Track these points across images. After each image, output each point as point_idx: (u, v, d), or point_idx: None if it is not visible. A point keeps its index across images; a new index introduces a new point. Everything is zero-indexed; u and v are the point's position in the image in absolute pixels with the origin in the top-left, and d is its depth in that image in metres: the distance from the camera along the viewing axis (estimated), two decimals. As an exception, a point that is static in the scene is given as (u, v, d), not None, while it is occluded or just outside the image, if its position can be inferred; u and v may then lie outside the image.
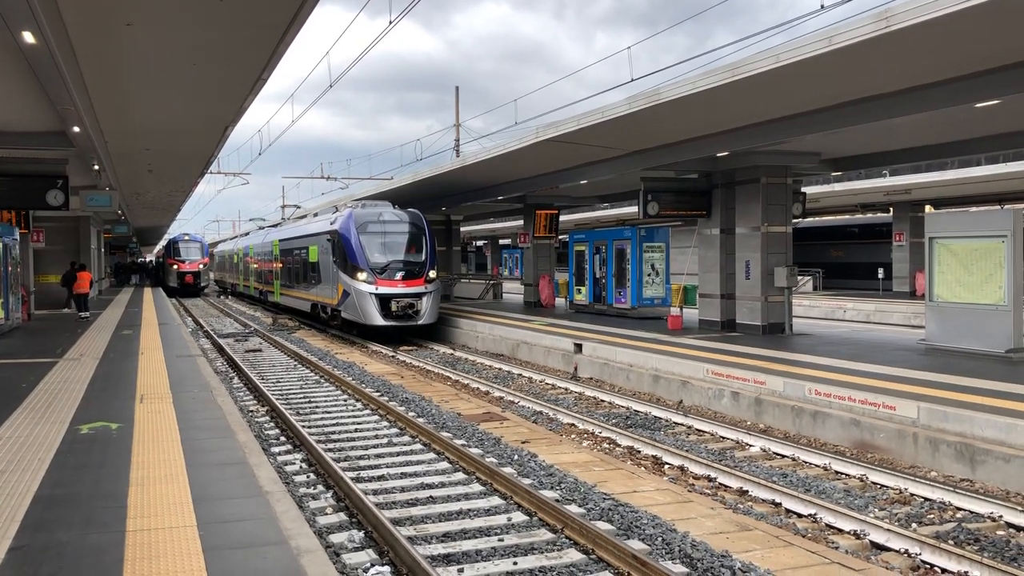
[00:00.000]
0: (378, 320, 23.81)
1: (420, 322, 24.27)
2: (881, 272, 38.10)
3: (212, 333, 26.92)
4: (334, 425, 12.40)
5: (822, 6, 10.98)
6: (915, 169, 30.71)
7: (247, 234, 56.85)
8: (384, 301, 23.84)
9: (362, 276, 24.09)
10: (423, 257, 25.07)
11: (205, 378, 12.76)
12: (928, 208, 35.35)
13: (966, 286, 14.77)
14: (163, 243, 69.99)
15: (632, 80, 15.69)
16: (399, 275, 24.24)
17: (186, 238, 55.82)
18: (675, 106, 14.23)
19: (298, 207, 48.77)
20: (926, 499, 9.02)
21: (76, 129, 14.37)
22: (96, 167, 19.46)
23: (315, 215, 33.69)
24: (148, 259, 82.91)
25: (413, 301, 23.98)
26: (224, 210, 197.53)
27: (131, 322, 23.66)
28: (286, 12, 8.90)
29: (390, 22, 13.36)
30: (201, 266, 55.07)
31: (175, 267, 53.90)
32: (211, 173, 32.31)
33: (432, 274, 24.81)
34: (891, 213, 37.99)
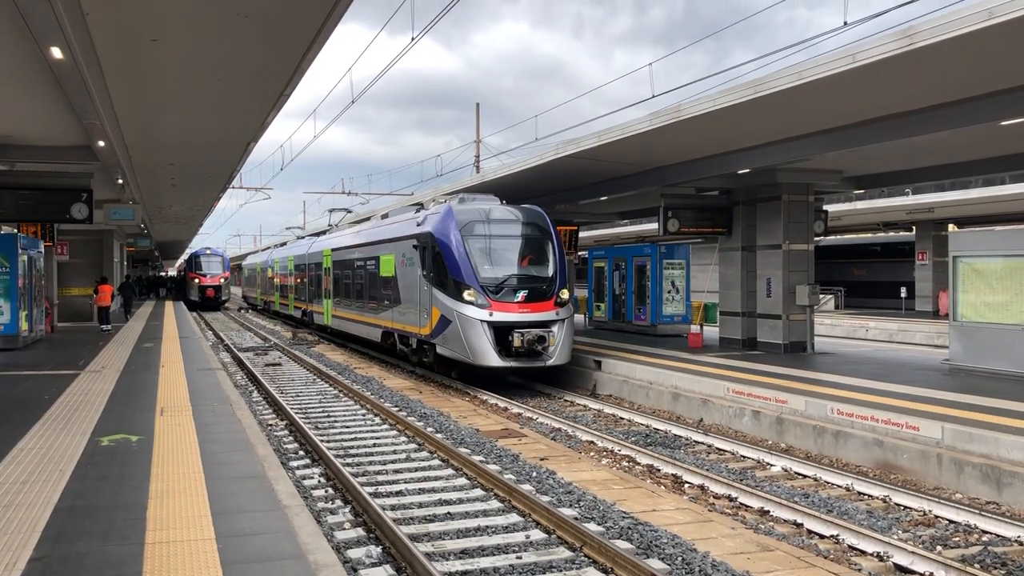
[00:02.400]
0: (492, 359, 17.07)
1: (550, 362, 17.29)
2: (904, 291, 37.78)
3: (232, 347, 27.02)
4: (352, 440, 12.39)
5: (845, 23, 10.94)
6: (938, 187, 30.48)
7: (283, 244, 50.10)
8: (502, 332, 17.11)
9: (470, 296, 17.41)
10: (551, 270, 18.19)
11: (225, 391, 12.80)
12: (951, 227, 35.05)
13: (991, 306, 14.60)
14: (185, 257, 70.43)
15: (653, 96, 15.81)
16: (520, 295, 17.51)
17: (208, 252, 56.18)
18: (697, 123, 14.20)
19: (349, 211, 39.60)
20: (951, 521, 8.88)
21: (101, 143, 14.52)
22: (120, 181, 19.66)
23: (383, 216, 25.93)
24: (168, 273, 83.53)
25: (544, 333, 17.03)
26: (245, 225, 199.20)
27: (152, 335, 23.82)
28: (309, 29, 8.97)
29: (412, 39, 13.44)
30: (222, 280, 55.37)
31: (196, 281, 54.21)
32: (233, 188, 32.58)
33: (564, 294, 17.96)
34: (914, 232, 37.72)
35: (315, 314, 33.24)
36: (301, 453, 11.59)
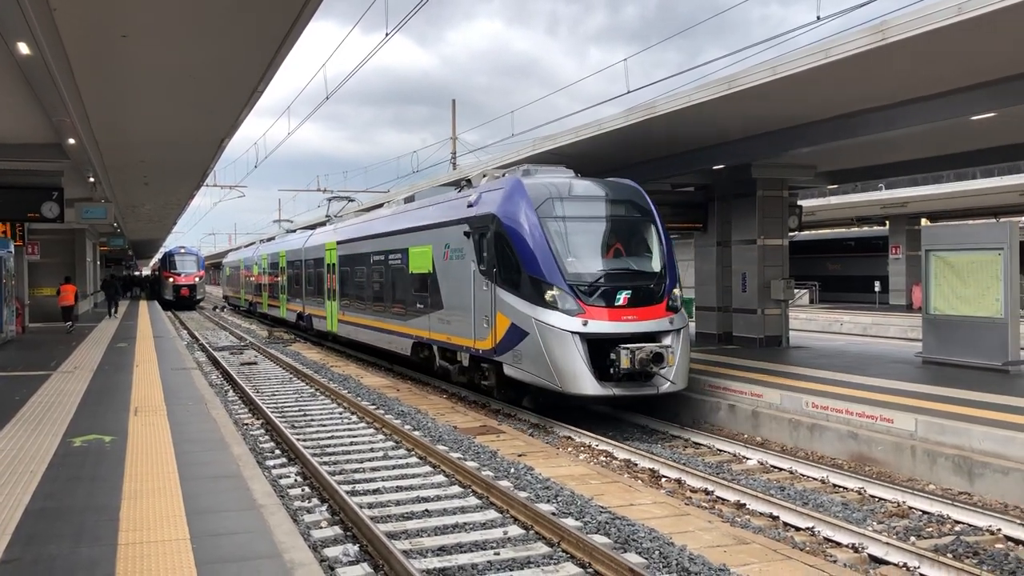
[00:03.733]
0: (588, 385, 12.72)
1: (665, 387, 13.05)
2: (878, 285, 38.16)
3: (207, 346, 26.81)
4: (329, 438, 12.33)
5: (818, 18, 11.00)
6: (911, 182, 30.81)
7: (270, 239, 45.14)
8: (600, 348, 12.85)
9: (554, 299, 13.03)
10: (658, 263, 13.94)
11: (199, 391, 12.69)
12: (924, 221, 35.46)
13: (963, 299, 14.76)
14: (159, 256, 69.78)
15: (628, 92, 15.76)
16: (623, 297, 13.17)
17: (182, 251, 55.76)
18: (671, 119, 14.26)
19: (351, 200, 34.67)
20: (924, 512, 8.98)
21: (71, 141, 14.35)
22: (91, 179, 19.43)
23: (407, 200, 21.03)
24: (143, 272, 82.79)
25: (661, 350, 12.75)
26: (220, 223, 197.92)
27: (126, 335, 23.58)
28: (282, 25, 8.89)
29: (386, 34, 13.38)
30: (197, 279, 54.96)
31: (171, 280, 53.79)
32: (207, 186, 32.31)
33: (677, 294, 13.80)
34: (887, 226, 38.10)
35: (315, 318, 28.41)
36: (277, 452, 11.52)
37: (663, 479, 10.45)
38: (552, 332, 12.88)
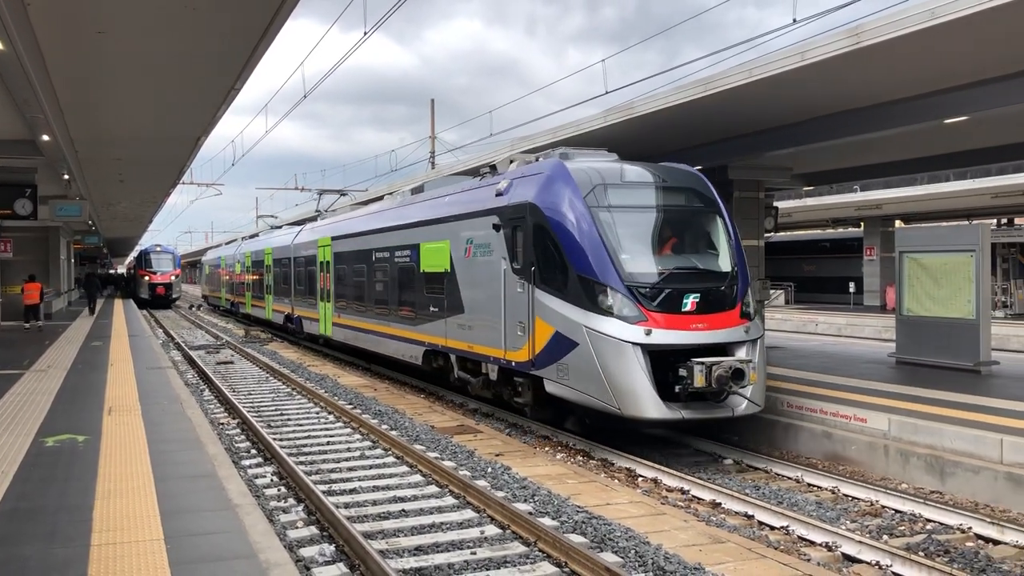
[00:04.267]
0: (652, 407, 10.75)
1: (741, 409, 11.16)
2: (852, 286, 38.51)
3: (183, 345, 26.62)
4: (306, 438, 12.28)
5: (794, 20, 11.10)
6: (886, 184, 31.13)
7: (254, 236, 43.27)
8: (665, 362, 11.00)
9: (608, 302, 11.10)
10: (728, 261, 12.04)
11: (175, 390, 12.60)
12: (898, 223, 35.82)
13: (936, 300, 14.93)
14: (134, 254, 69.19)
15: (606, 93, 15.78)
16: (690, 302, 11.25)
17: (158, 249, 55.32)
18: (648, 120, 14.32)
19: (344, 193, 32.51)
20: (897, 511, 9.08)
21: (45, 138, 14.21)
22: (66, 176, 19.25)
23: (415, 191, 18.78)
24: (118, 270, 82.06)
25: (741, 366, 10.82)
26: (197, 221, 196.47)
27: (101, 334, 23.36)
28: (259, 22, 8.86)
29: (364, 33, 13.35)
30: (173, 277, 54.56)
31: (146, 278, 53.35)
32: (183, 184, 32.05)
33: (750, 299, 11.92)
34: (862, 228, 38.47)
35: (306, 321, 26.27)
36: (253, 452, 11.46)
37: (640, 479, 10.49)
38: (608, 343, 10.88)
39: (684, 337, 11.04)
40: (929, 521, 8.73)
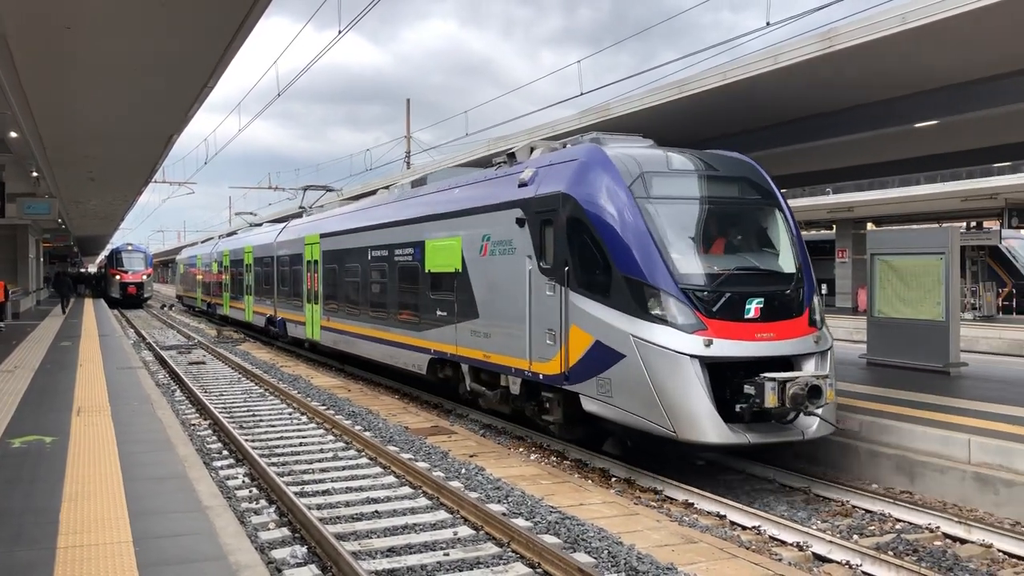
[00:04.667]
0: (712, 430, 9.38)
1: (812, 431, 9.84)
2: (824, 288, 38.85)
3: (154, 345, 26.36)
4: (278, 439, 12.20)
5: (768, 23, 11.18)
6: (858, 187, 31.45)
7: (232, 233, 41.52)
8: (726, 377, 9.72)
9: (661, 308, 9.76)
10: (792, 261, 10.72)
11: (145, 391, 12.48)
12: (870, 225, 36.20)
13: (906, 302, 15.09)
14: (105, 253, 68.41)
15: (581, 94, 15.81)
16: (754, 307, 9.95)
17: (129, 248, 54.81)
18: (624, 121, 14.36)
19: (330, 189, 30.64)
20: (867, 511, 9.16)
21: (13, 134, 14.01)
22: (35, 174, 19.00)
23: (415, 184, 17.33)
24: (89, 269, 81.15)
25: (819, 382, 9.50)
26: (169, 220, 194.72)
27: (70, 333, 23.07)
28: (232, 20, 8.79)
29: (339, 32, 13.29)
30: (145, 277, 54.05)
31: (118, 278, 52.81)
32: (155, 182, 31.77)
33: (817, 304, 10.59)
34: (834, 230, 38.82)
35: (290, 324, 24.61)
36: (225, 453, 11.36)
37: (613, 479, 10.51)
38: (661, 355, 9.47)
39: (748, 349, 9.65)
40: (899, 520, 8.81)
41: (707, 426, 9.30)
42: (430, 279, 14.78)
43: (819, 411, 9.58)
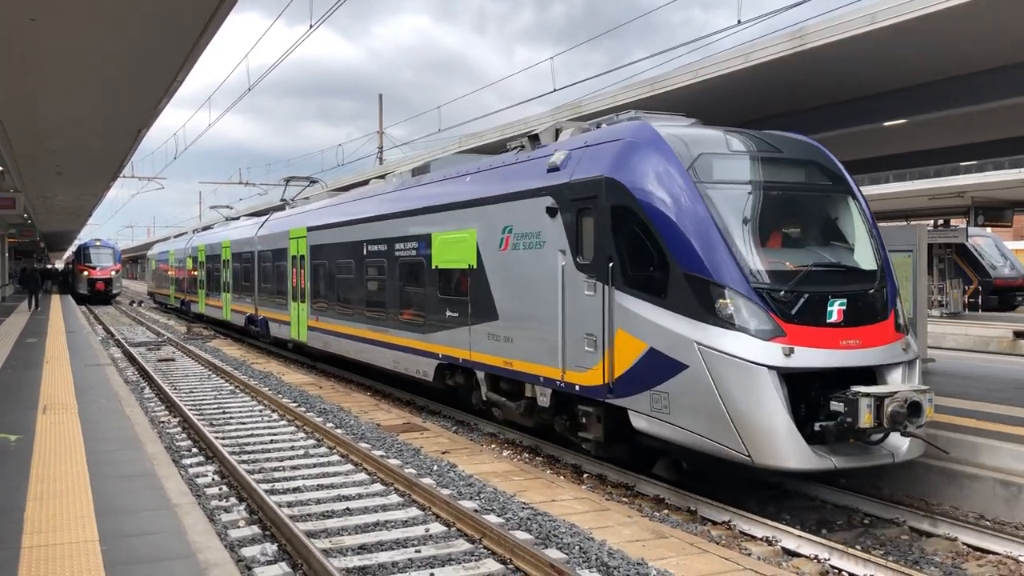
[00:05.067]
0: (793, 454, 8.14)
1: (903, 453, 8.62)
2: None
3: (123, 342, 26.06)
4: (249, 436, 12.11)
5: (739, 22, 11.24)
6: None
7: (207, 228, 39.51)
8: (807, 391, 8.58)
9: (731, 310, 8.50)
10: (872, 258, 9.57)
11: (114, 388, 12.34)
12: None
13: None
14: (73, 248, 67.54)
15: (554, 90, 15.83)
16: (836, 310, 8.70)
17: (97, 244, 54.18)
18: (596, 118, 14.37)
19: (314, 181, 28.68)
20: (836, 506, 9.25)
21: (-22, 128, 13.77)
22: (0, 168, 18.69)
23: (416, 172, 15.77)
24: (56, 265, 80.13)
25: (919, 399, 8.38)
26: (138, 216, 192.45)
27: (37, 330, 22.76)
28: (202, 14, 8.69)
29: (310, 26, 13.20)
30: (113, 273, 53.47)
31: (86, 273, 52.20)
32: (124, 177, 31.34)
33: (900, 306, 9.55)
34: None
35: (273, 323, 23.28)
36: (194, 451, 11.26)
37: (585, 475, 10.54)
38: (734, 366, 8.21)
39: (833, 358, 8.44)
40: (867, 515, 8.92)
41: (788, 449, 8.06)
42: (438, 276, 13.48)
43: (916, 430, 8.40)
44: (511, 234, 11.47)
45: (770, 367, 8.11)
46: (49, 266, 73.59)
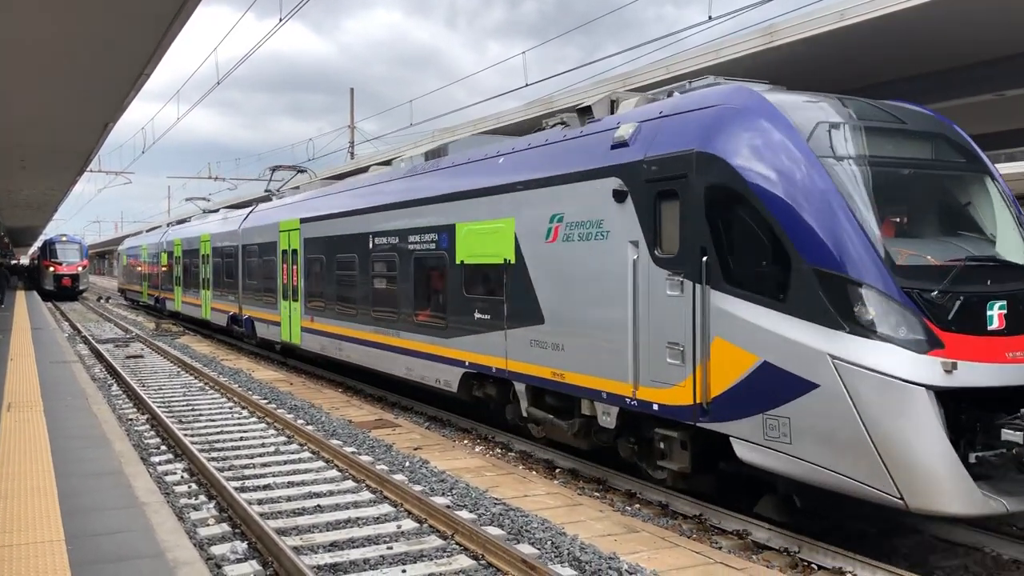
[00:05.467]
0: (956, 496, 6.50)
1: None
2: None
3: (90, 338, 25.73)
4: (219, 433, 12.01)
5: (710, 17, 11.30)
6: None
7: (184, 221, 36.79)
8: (968, 417, 6.87)
9: (872, 315, 6.80)
10: (1023, 251, 7.75)
11: (81, 385, 12.19)
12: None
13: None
14: (39, 244, 66.59)
15: (527, 85, 15.82)
16: (996, 315, 6.97)
17: (63, 239, 53.44)
18: (567, 111, 14.38)
19: (302, 170, 26.65)
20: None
21: (-61, 121, 13.51)
22: (-38, 162, 18.36)
23: (430, 155, 14.22)
24: (21, 261, 79.00)
25: None
26: (106, 211, 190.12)
27: (1, 326, 22.41)
28: (170, 6, 8.57)
29: (280, 19, 13.09)
30: (80, 268, 52.78)
31: (52, 269, 51.48)
32: (91, 171, 30.94)
33: None
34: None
35: (260, 323, 21.43)
36: (163, 448, 11.15)
37: (557, 470, 10.56)
38: (882, 386, 6.66)
39: (1001, 375, 6.85)
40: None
41: (952, 490, 6.51)
42: (464, 272, 11.79)
43: None
44: (561, 223, 9.81)
45: (929, 387, 6.55)
46: (15, 262, 72.51)
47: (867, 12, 9.36)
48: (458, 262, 11.90)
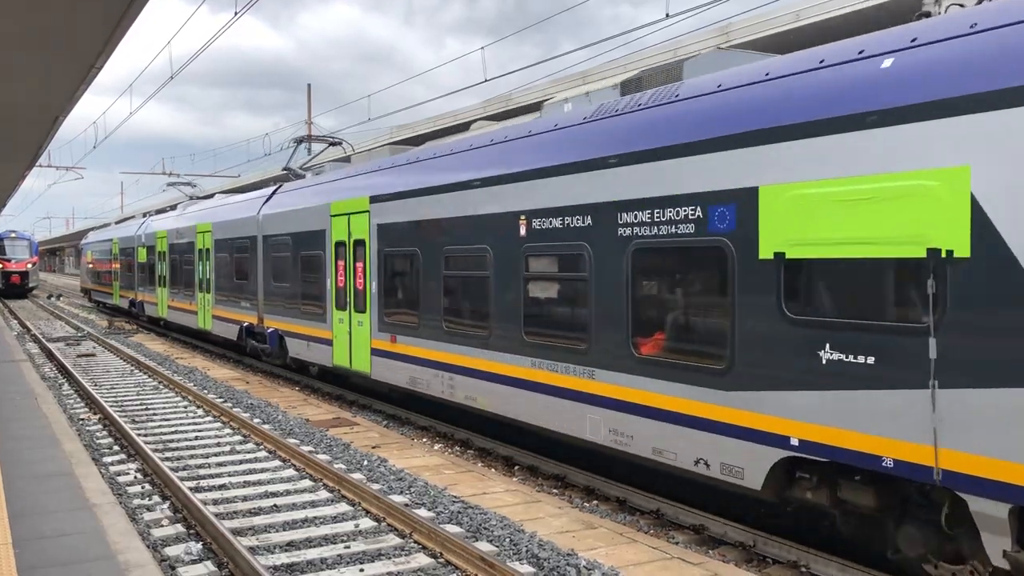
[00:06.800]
0: None
1: None
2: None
3: (40, 337, 25.19)
4: (173, 433, 11.83)
5: (667, 15, 11.36)
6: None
7: (166, 210, 32.76)
8: None
9: None
10: None
11: (29, 384, 11.93)
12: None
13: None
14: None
15: (485, 81, 15.74)
16: None
17: (12, 235, 52.28)
18: (527, 111, 14.41)
19: (335, 143, 21.26)
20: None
21: None
22: (-94, 156, 17.86)
23: (627, 88, 9.53)
24: None
25: None
26: (56, 207, 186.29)
27: (-54, 325, 21.85)
28: (121, -3, 8.40)
29: (235, 13, 12.91)
30: (30, 265, 51.69)
31: (0, 267, 50.34)
32: (40, 166, 30.30)
33: None
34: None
35: (295, 340, 16.40)
36: (116, 448, 10.95)
37: (516, 467, 10.57)
38: None
39: None
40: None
41: None
42: (783, 275, 6.74)
43: None
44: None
45: None
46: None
47: (823, 13, 9.49)
48: (764, 256, 6.89)
